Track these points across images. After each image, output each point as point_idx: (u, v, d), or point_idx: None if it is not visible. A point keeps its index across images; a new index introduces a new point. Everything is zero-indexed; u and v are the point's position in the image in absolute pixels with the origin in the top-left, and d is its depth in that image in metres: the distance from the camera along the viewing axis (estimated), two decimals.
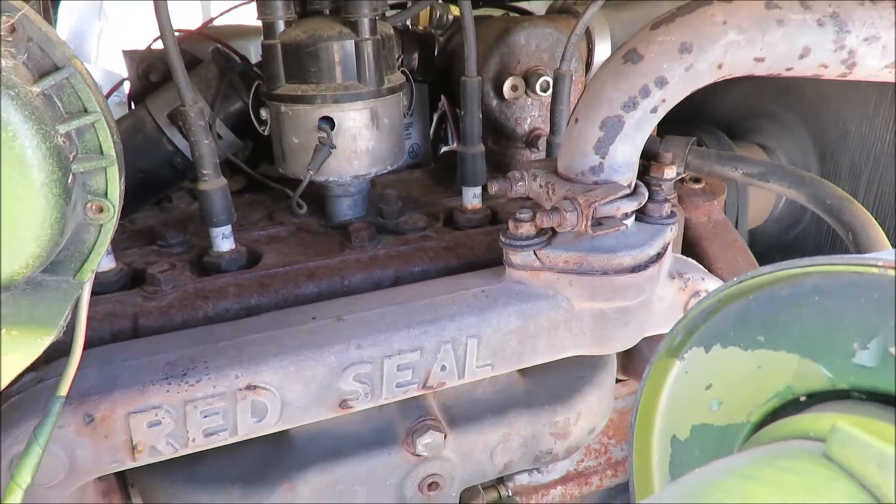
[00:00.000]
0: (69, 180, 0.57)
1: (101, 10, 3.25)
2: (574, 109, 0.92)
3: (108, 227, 0.63)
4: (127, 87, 1.45)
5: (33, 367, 0.83)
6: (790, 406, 0.47)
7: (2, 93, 0.52)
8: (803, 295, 0.45)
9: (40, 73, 0.57)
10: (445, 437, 0.96)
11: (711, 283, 1.03)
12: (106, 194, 0.62)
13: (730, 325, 0.51)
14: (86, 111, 0.59)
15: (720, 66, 0.82)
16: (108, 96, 1.49)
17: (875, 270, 0.40)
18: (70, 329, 0.65)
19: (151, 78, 1.31)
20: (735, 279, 0.48)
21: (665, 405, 0.57)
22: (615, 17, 1.36)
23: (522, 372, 1.07)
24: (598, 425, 1.11)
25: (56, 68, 0.57)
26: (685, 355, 0.55)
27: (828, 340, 0.44)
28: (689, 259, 1.08)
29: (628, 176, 0.91)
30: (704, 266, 1.12)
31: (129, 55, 1.33)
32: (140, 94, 1.31)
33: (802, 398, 0.47)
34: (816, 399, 0.46)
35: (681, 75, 0.83)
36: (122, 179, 0.64)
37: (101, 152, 0.61)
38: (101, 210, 0.62)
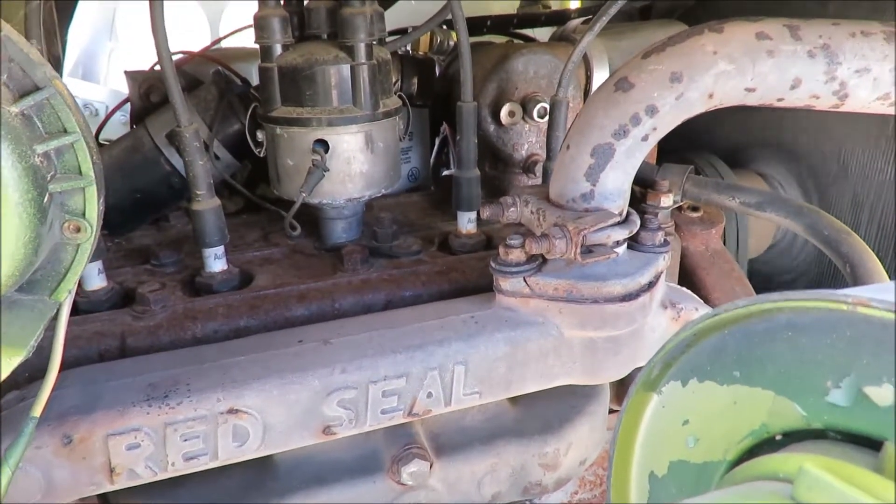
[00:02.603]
0: (45, 200, 0.57)
1: (112, 31, 3.30)
2: (566, 136, 0.91)
3: (85, 247, 0.63)
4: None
5: (16, 386, 0.83)
6: (766, 445, 0.46)
7: None
8: (777, 330, 0.44)
9: (21, 92, 0.57)
10: (431, 465, 0.94)
11: None
12: (84, 214, 0.62)
13: (706, 358, 0.50)
14: (65, 131, 0.59)
15: (711, 96, 0.82)
16: (110, 115, 1.50)
17: (844, 307, 0.38)
18: (48, 349, 0.65)
19: (152, 98, 1.32)
20: (710, 311, 0.47)
21: (643, 440, 0.55)
22: (613, 46, 1.36)
23: (513, 400, 1.05)
24: (590, 456, 1.09)
25: (36, 88, 0.57)
26: (663, 389, 0.53)
27: (801, 378, 0.43)
28: (683, 288, 1.06)
29: (619, 203, 0.91)
30: (701, 296, 1.11)
31: (131, 76, 1.35)
32: (141, 115, 1.32)
33: (778, 437, 0.45)
34: (793, 438, 0.45)
35: (671, 104, 0.82)
36: (102, 200, 0.63)
37: (80, 172, 0.61)
38: (78, 230, 0.62)
